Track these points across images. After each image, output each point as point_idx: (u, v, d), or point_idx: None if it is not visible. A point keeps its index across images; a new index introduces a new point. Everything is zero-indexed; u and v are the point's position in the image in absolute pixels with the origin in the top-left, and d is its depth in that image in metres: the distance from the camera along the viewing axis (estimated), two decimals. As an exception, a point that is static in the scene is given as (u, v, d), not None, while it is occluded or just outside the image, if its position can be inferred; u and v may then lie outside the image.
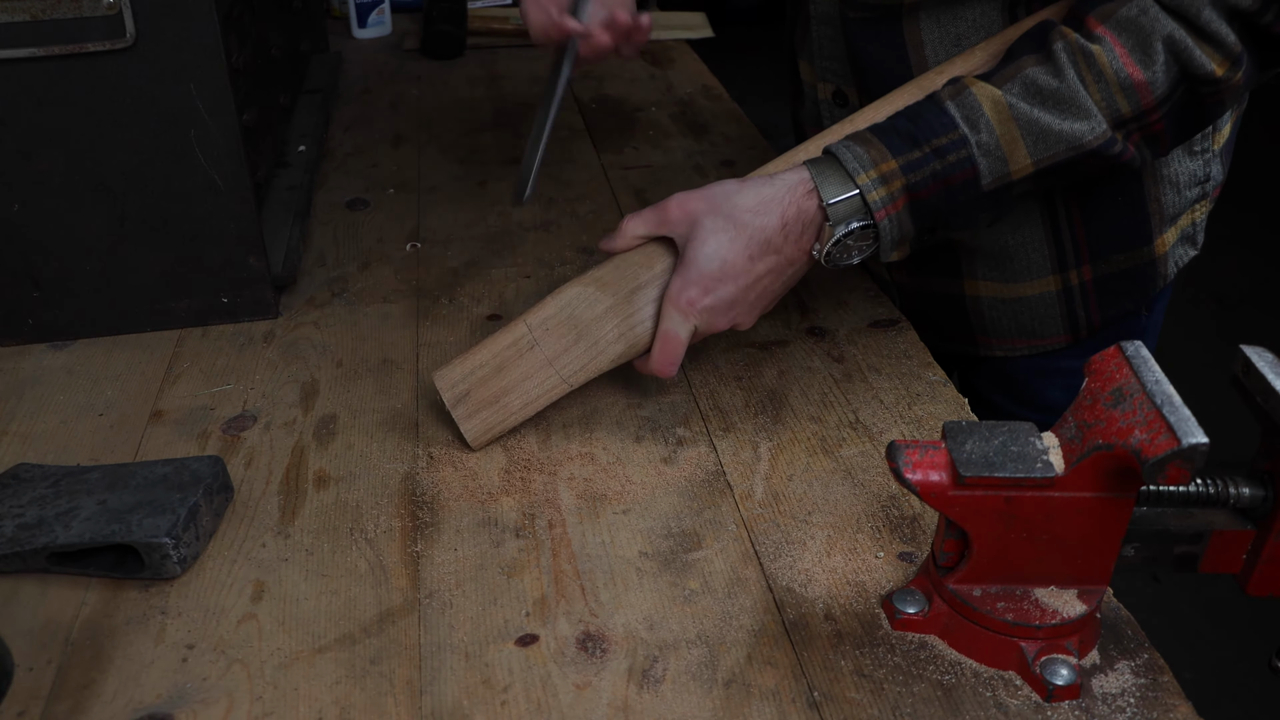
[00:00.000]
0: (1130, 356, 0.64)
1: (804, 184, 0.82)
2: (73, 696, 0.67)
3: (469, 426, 0.87)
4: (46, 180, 0.94)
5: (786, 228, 0.82)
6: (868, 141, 0.81)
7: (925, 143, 0.80)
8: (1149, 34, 0.76)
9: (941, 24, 0.91)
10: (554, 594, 0.74)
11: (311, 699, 0.67)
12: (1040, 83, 0.78)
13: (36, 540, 0.74)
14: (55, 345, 1.01)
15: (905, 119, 0.81)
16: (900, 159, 0.80)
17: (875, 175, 0.80)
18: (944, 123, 0.79)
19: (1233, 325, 3.09)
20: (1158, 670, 0.68)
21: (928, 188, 0.80)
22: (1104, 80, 0.77)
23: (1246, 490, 0.66)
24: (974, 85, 0.80)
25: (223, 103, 0.94)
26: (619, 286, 0.87)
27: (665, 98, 1.56)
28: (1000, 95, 0.79)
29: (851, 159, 0.80)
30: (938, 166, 0.80)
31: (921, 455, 0.65)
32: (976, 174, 0.80)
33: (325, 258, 1.16)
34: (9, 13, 0.88)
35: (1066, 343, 1.03)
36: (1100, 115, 0.78)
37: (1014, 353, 1.05)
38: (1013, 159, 0.80)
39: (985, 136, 0.79)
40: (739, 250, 0.82)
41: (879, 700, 0.66)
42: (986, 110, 0.79)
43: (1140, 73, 0.77)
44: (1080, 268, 0.98)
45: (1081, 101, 0.78)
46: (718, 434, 0.89)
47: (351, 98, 1.58)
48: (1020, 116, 0.79)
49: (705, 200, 0.83)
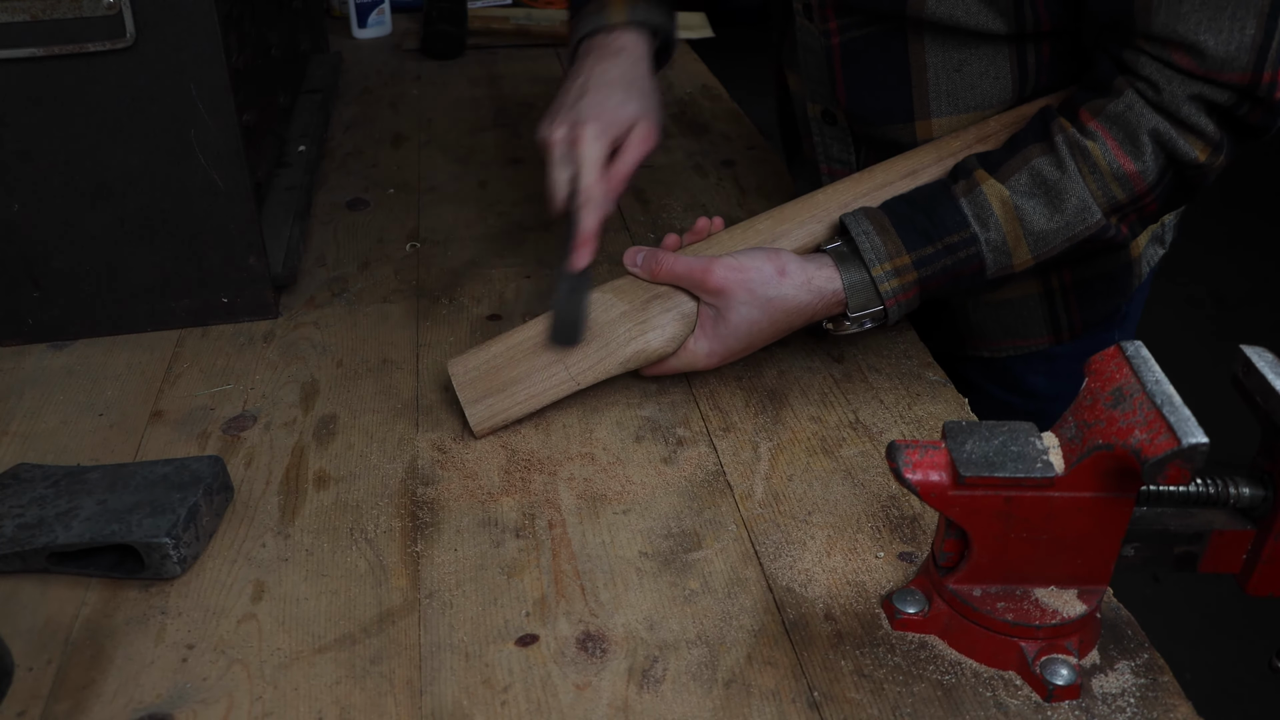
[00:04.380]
0: (1130, 356, 0.64)
1: (836, 295, 0.87)
2: (73, 696, 0.67)
3: (474, 411, 0.88)
4: (46, 180, 0.94)
5: (810, 320, 0.89)
6: (885, 231, 0.86)
7: (939, 239, 0.85)
8: (1136, 128, 0.82)
9: (946, 49, 0.93)
10: (554, 594, 0.74)
11: (311, 699, 0.67)
12: (1044, 174, 0.84)
13: (36, 540, 0.74)
14: (55, 345, 1.01)
15: (922, 214, 0.86)
16: (914, 254, 0.85)
17: (890, 268, 0.85)
18: (957, 220, 0.85)
19: (1233, 325, 3.09)
20: (1158, 670, 0.68)
21: (937, 280, 0.86)
22: (1099, 172, 0.83)
23: (1246, 490, 0.66)
24: (985, 183, 0.85)
25: (223, 103, 0.94)
26: (635, 295, 0.90)
27: (665, 98, 1.56)
28: (1009, 196, 0.85)
29: (870, 250, 0.86)
30: (948, 262, 0.86)
31: (921, 455, 0.65)
32: (983, 267, 0.86)
33: (325, 258, 1.16)
34: (9, 13, 0.88)
35: (1049, 344, 1.07)
36: (1096, 206, 0.84)
37: (1000, 353, 1.09)
38: (1015, 254, 0.86)
39: (994, 235, 0.85)
40: (763, 329, 0.88)
41: (879, 700, 0.66)
42: (995, 210, 0.85)
43: (1131, 164, 0.82)
44: (1060, 271, 1.02)
45: (1079, 195, 0.84)
46: (718, 434, 0.89)
47: (351, 98, 1.58)
48: (1024, 218, 0.85)
49: (745, 288, 0.86)
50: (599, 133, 0.91)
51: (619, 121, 0.92)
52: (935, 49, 0.93)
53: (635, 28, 0.97)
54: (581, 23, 0.99)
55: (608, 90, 0.93)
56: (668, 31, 0.98)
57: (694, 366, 0.91)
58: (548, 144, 0.93)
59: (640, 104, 0.93)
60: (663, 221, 1.22)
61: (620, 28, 0.97)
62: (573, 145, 0.91)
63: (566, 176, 0.92)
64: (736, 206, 1.25)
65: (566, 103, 0.93)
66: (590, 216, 0.91)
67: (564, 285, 0.91)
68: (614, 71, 0.94)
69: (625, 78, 0.94)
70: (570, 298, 0.91)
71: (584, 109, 0.91)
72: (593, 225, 0.91)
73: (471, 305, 1.07)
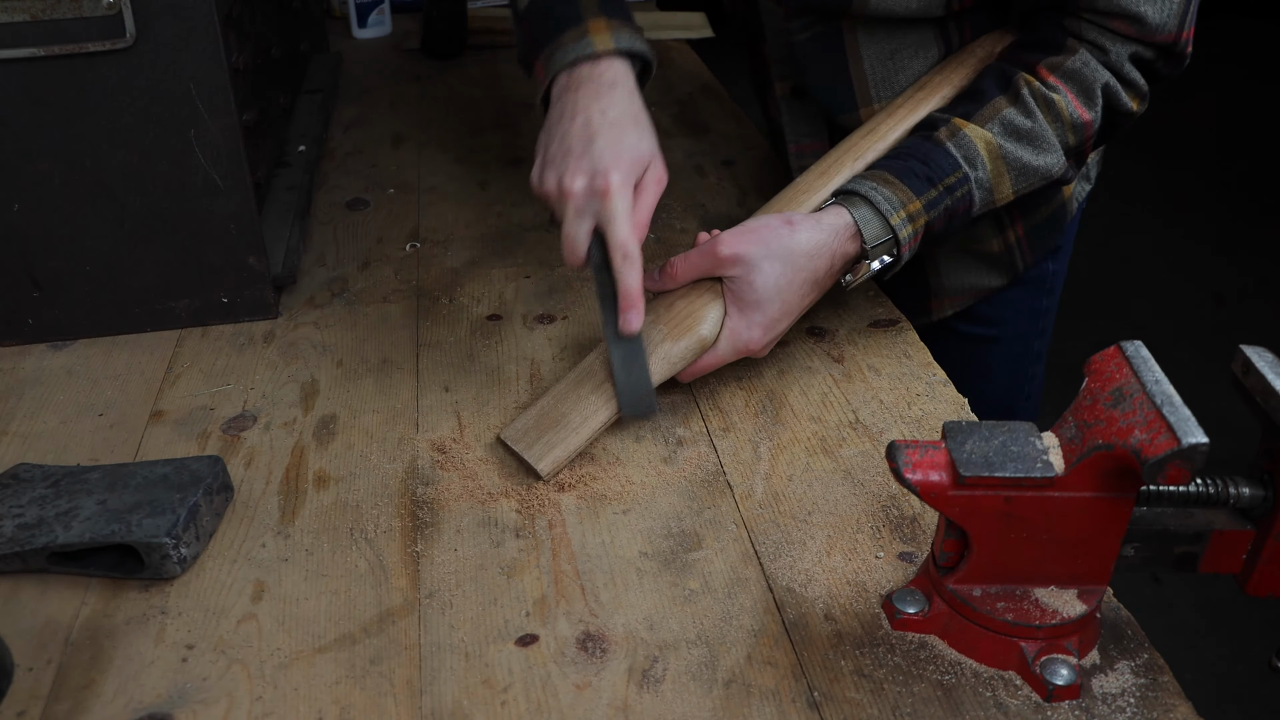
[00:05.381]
0: (1130, 356, 0.64)
1: (849, 228, 0.89)
2: (73, 696, 0.67)
3: (535, 452, 0.84)
4: (46, 180, 0.94)
5: (832, 267, 0.90)
6: (891, 183, 0.90)
7: (939, 182, 0.90)
8: (1091, 83, 0.92)
9: (877, 38, 1.01)
10: (554, 594, 0.74)
11: (311, 699, 0.67)
12: (1017, 124, 0.92)
13: (36, 540, 0.74)
14: (55, 345, 1.01)
15: (919, 160, 0.91)
16: (923, 199, 0.89)
17: (904, 215, 0.89)
18: (950, 163, 0.91)
19: (1233, 325, 3.09)
20: (1158, 670, 0.68)
21: (938, 221, 0.91)
22: (1061, 122, 0.92)
23: (1246, 490, 0.66)
24: (966, 127, 0.92)
25: (223, 103, 0.94)
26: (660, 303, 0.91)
27: (665, 98, 1.56)
28: (991, 137, 0.91)
29: (883, 200, 0.89)
30: (949, 202, 0.91)
31: (921, 455, 0.65)
32: (972, 205, 0.92)
33: (325, 258, 1.16)
34: (9, 13, 0.88)
35: (1006, 283, 1.18)
36: (1060, 150, 0.93)
37: (963, 305, 1.19)
38: (998, 190, 0.93)
39: (981, 173, 0.92)
40: (795, 290, 0.88)
41: (879, 700, 0.66)
42: (981, 150, 0.91)
43: (1087, 113, 0.92)
44: (1014, 226, 1.13)
45: (1048, 139, 0.92)
46: (718, 434, 0.89)
47: (351, 98, 1.58)
48: (1007, 155, 0.92)
49: (759, 244, 0.87)
50: (625, 181, 0.84)
51: (638, 165, 0.85)
52: (868, 41, 1.01)
53: (621, 56, 0.89)
54: (560, 52, 0.89)
55: (619, 131, 0.85)
56: (647, 59, 0.92)
57: (743, 346, 0.89)
58: (564, 195, 0.84)
59: (651, 143, 0.87)
60: (663, 221, 1.22)
61: (606, 57, 0.89)
62: (599, 196, 0.83)
63: (587, 229, 0.85)
64: (736, 206, 1.25)
65: (573, 146, 0.85)
66: (633, 274, 0.84)
67: (618, 354, 0.86)
68: (617, 108, 0.87)
69: (630, 115, 0.87)
70: (631, 366, 0.86)
71: (601, 155, 0.84)
72: (638, 284, 0.84)
73: (471, 305, 1.07)
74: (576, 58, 0.89)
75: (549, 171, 0.86)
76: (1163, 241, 3.50)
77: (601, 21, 0.90)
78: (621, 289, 0.84)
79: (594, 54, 0.88)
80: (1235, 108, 4.39)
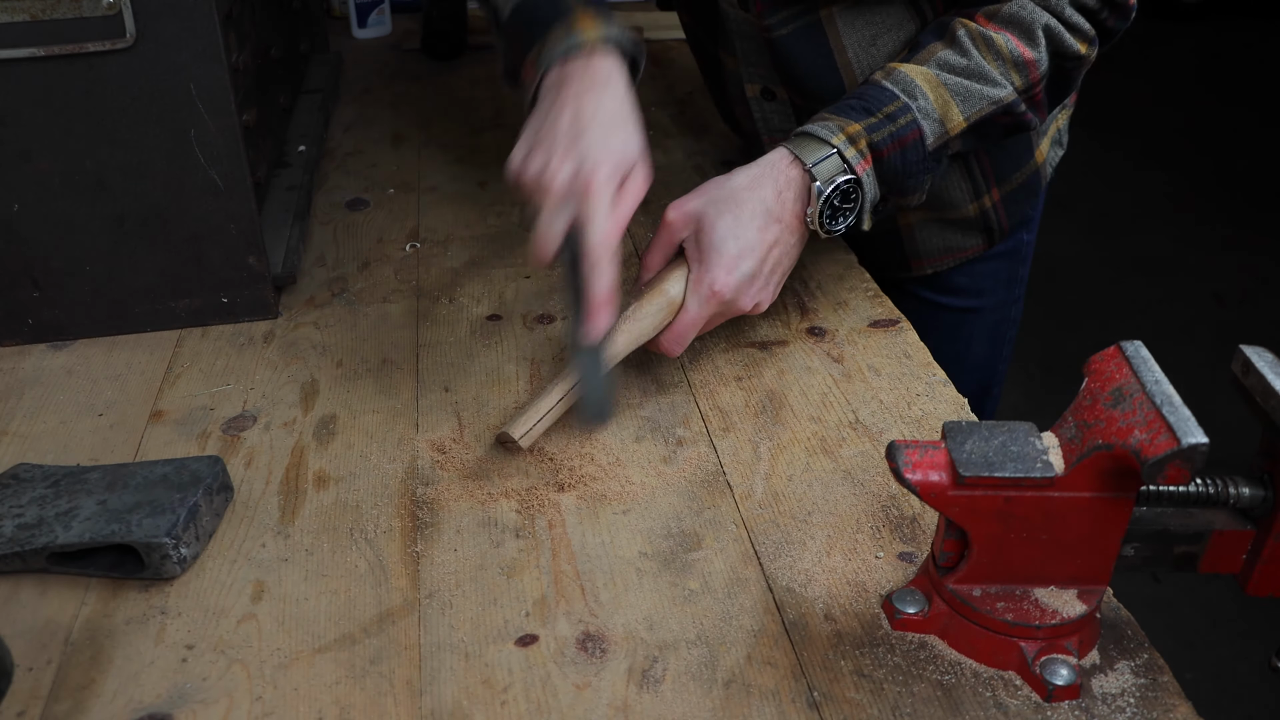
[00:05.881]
0: (1130, 356, 0.64)
1: (785, 157, 0.92)
2: (73, 696, 0.67)
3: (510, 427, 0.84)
4: (46, 180, 0.94)
5: (781, 195, 0.90)
6: (828, 117, 0.93)
7: (878, 111, 0.92)
8: (1031, 24, 0.93)
9: (856, 26, 1.03)
10: (554, 594, 0.74)
11: (311, 699, 0.67)
12: (953, 61, 0.94)
13: (36, 540, 0.74)
14: (55, 345, 1.01)
15: (853, 98, 0.94)
16: (862, 123, 0.91)
17: (844, 137, 0.90)
18: (887, 95, 0.93)
19: (1233, 325, 3.09)
20: (1158, 670, 0.68)
21: (887, 148, 0.91)
22: (1001, 59, 0.93)
23: (1246, 490, 0.66)
24: (900, 67, 0.94)
25: (222, 103, 0.94)
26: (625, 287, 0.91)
27: (665, 98, 1.56)
28: (928, 70, 0.94)
29: (820, 129, 0.91)
30: (892, 129, 0.92)
31: (921, 455, 0.65)
32: (922, 135, 0.93)
33: (325, 258, 1.16)
34: (9, 13, 0.88)
35: (984, 249, 1.22)
36: (1006, 83, 0.94)
37: (941, 267, 1.22)
38: (948, 119, 0.93)
39: (923, 103, 0.92)
40: (746, 224, 0.89)
41: (879, 700, 0.66)
42: (919, 82, 0.93)
43: (1029, 52, 0.93)
44: (990, 191, 1.16)
45: (989, 73, 0.93)
46: (718, 434, 0.89)
47: (351, 98, 1.58)
48: (948, 82, 0.93)
49: (699, 196, 0.91)
50: (609, 179, 0.81)
51: (624, 165, 0.83)
52: (849, 30, 1.04)
53: (612, 50, 0.88)
54: (549, 48, 0.88)
55: (609, 128, 0.83)
56: (635, 57, 0.91)
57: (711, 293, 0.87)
58: (546, 186, 0.81)
59: (639, 144, 0.85)
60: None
61: (599, 51, 0.87)
62: (583, 193, 0.80)
63: (562, 224, 0.81)
64: (736, 206, 1.25)
65: (560, 138, 0.82)
66: (603, 280, 0.79)
67: (581, 360, 0.82)
68: (608, 105, 0.85)
69: (621, 114, 0.85)
70: (592, 374, 0.82)
71: (590, 149, 0.81)
72: (606, 290, 0.80)
73: (471, 305, 1.07)
74: (567, 49, 0.87)
75: (533, 159, 0.83)
76: (1163, 241, 3.50)
77: (589, 13, 0.89)
78: (589, 294, 0.80)
79: (584, 44, 0.87)
80: (1235, 108, 4.39)
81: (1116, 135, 4.09)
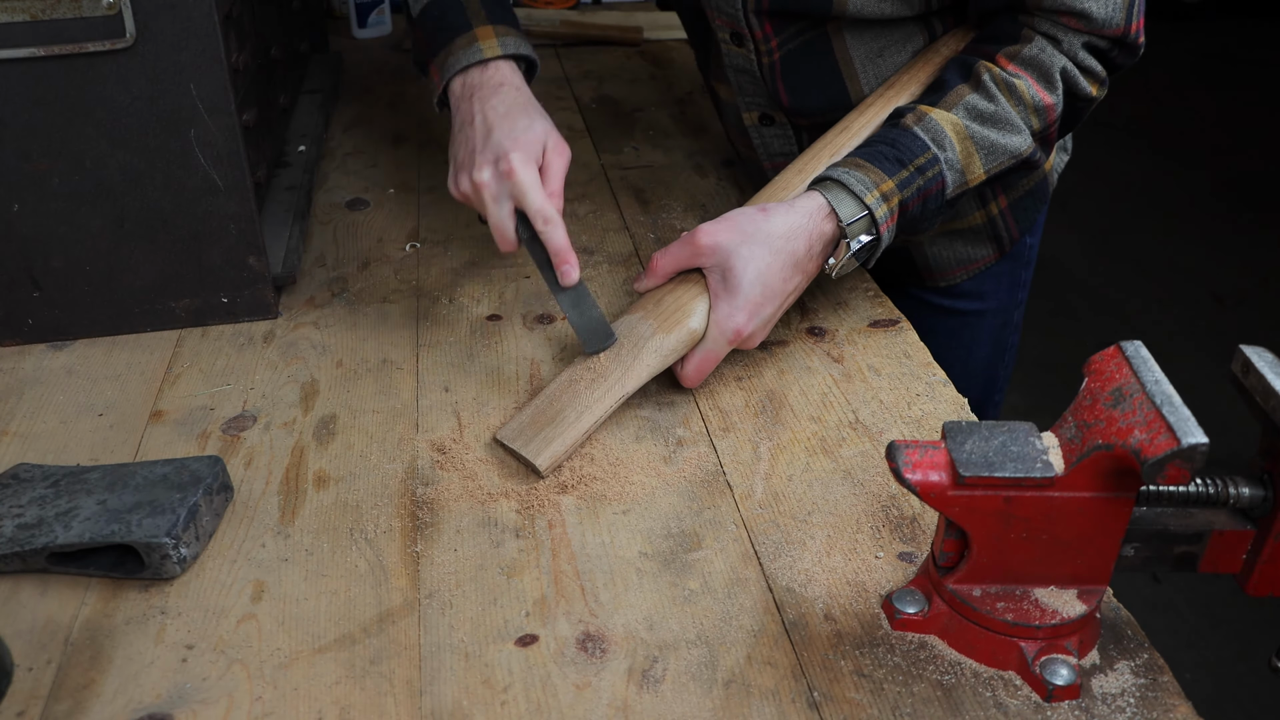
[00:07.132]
0: (1130, 356, 0.64)
1: (823, 209, 0.92)
2: (73, 696, 0.67)
3: (532, 449, 0.85)
4: (46, 180, 0.94)
5: (811, 248, 0.92)
6: (862, 166, 0.92)
7: (909, 163, 0.93)
8: (1050, 68, 0.95)
9: (864, 39, 1.05)
10: (554, 594, 0.74)
11: (311, 699, 0.67)
12: (981, 108, 0.95)
13: (36, 540, 0.74)
14: (55, 345, 1.01)
15: (886, 145, 0.94)
16: (895, 179, 0.92)
17: (878, 195, 0.91)
18: (919, 145, 0.94)
19: (1233, 325, 3.09)
20: (1158, 670, 0.68)
21: (912, 201, 0.93)
22: (1023, 104, 0.95)
23: (1246, 490, 0.66)
24: (931, 112, 0.95)
25: (222, 103, 0.94)
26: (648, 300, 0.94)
27: (665, 98, 1.56)
28: (956, 119, 0.95)
29: (856, 183, 0.91)
30: (920, 182, 0.93)
31: (921, 455, 0.65)
32: (944, 186, 0.95)
33: (325, 258, 1.16)
34: (9, 13, 0.88)
35: (995, 258, 1.23)
36: (1026, 131, 0.96)
37: (955, 280, 1.24)
38: (969, 171, 0.95)
39: (950, 154, 0.94)
40: (776, 273, 0.90)
41: (879, 700, 0.66)
42: (948, 131, 0.94)
43: (1049, 97, 0.96)
44: (997, 199, 1.17)
45: (1013, 120, 0.95)
46: (718, 434, 0.89)
47: (351, 98, 1.58)
48: (974, 135, 0.95)
49: (735, 231, 0.91)
50: (526, 158, 0.91)
51: (535, 143, 0.92)
52: (856, 44, 1.05)
53: (508, 60, 0.98)
54: (453, 58, 0.98)
55: (511, 120, 0.93)
56: (531, 61, 1.00)
57: (730, 333, 0.90)
58: (478, 188, 0.92)
59: (543, 122, 0.95)
60: (663, 221, 1.22)
61: (494, 62, 0.97)
62: (506, 178, 0.90)
63: (508, 210, 0.92)
64: (736, 206, 1.25)
65: (475, 145, 0.93)
66: (557, 231, 0.91)
67: (566, 301, 0.92)
68: (506, 102, 0.95)
69: (519, 105, 0.95)
70: (580, 307, 0.92)
71: (499, 142, 0.91)
72: (564, 239, 0.91)
73: (471, 305, 1.07)
74: (468, 64, 0.97)
75: (461, 175, 0.94)
76: (1163, 241, 3.50)
77: (489, 29, 0.98)
78: (551, 248, 0.92)
79: (483, 60, 0.97)
80: (1235, 108, 4.39)
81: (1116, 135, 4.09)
